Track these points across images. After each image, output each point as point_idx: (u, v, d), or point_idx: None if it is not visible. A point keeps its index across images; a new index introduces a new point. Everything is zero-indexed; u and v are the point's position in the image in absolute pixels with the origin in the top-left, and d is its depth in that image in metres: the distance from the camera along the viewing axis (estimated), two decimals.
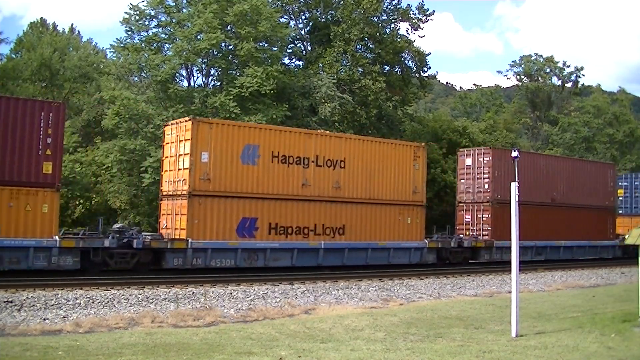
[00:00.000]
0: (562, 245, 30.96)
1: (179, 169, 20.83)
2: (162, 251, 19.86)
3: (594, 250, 33.02)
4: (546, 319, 14.10)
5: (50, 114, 18.34)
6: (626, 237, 14.05)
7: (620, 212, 39.08)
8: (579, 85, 70.80)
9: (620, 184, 39.93)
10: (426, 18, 41.02)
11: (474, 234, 28.59)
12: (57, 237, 18.12)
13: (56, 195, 18.35)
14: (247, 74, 30.46)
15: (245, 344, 10.78)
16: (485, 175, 28.41)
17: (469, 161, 29.17)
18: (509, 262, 12.97)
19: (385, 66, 40.42)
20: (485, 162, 28.46)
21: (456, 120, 53.81)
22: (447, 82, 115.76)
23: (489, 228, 28.07)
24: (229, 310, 15.21)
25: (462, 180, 29.56)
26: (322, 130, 26.92)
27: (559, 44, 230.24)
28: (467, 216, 29.16)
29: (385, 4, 39.85)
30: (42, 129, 18.13)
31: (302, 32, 40.80)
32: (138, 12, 32.56)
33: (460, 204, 29.68)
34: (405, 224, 25.14)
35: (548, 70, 68.30)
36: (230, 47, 32.21)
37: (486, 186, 28.34)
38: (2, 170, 17.57)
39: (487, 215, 28.18)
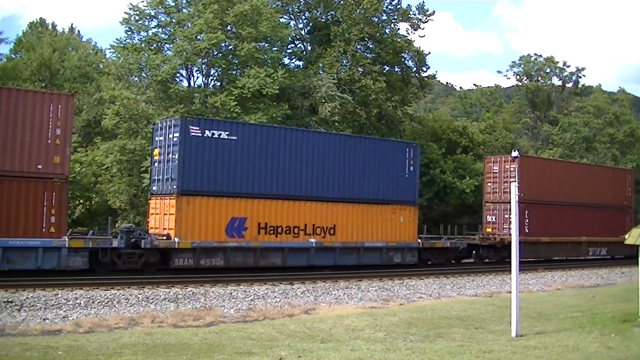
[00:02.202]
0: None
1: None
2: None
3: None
4: (546, 319, 14.10)
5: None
6: (626, 237, 14.03)
7: None
8: (580, 86, 70.78)
9: None
10: (426, 18, 41.03)
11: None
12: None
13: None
14: (249, 75, 30.45)
15: (245, 344, 10.78)
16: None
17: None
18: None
19: (385, 66, 40.42)
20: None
21: (456, 120, 53.80)
22: (447, 82, 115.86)
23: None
24: (229, 310, 15.21)
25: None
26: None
27: (558, 44, 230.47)
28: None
29: (385, 4, 39.85)
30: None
31: (302, 32, 40.81)
32: (138, 12, 32.54)
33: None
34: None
35: (548, 70, 68.27)
36: (230, 48, 32.19)
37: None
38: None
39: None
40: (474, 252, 29.57)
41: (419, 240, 25.82)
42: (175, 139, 20.60)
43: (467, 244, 28.44)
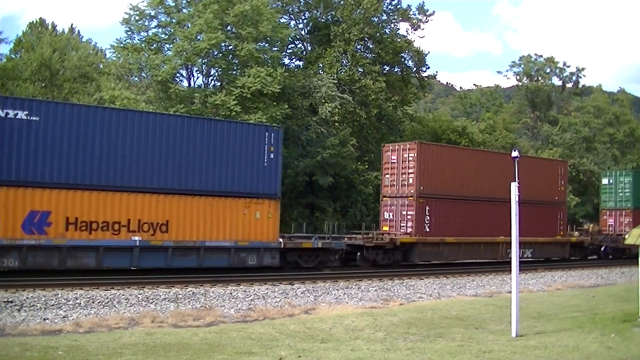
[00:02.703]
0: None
1: None
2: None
3: None
4: (546, 319, 14.09)
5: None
6: (626, 237, 14.03)
7: None
8: (580, 86, 70.81)
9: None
10: (426, 18, 41.11)
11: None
12: (281, 239, 21.92)
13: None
14: (249, 74, 30.46)
15: (245, 344, 10.78)
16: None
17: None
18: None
19: (385, 66, 40.45)
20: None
21: (456, 120, 53.82)
22: (447, 82, 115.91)
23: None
24: (229, 310, 15.21)
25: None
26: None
27: (558, 44, 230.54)
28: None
29: (385, 4, 39.90)
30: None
31: (302, 32, 40.83)
32: (138, 12, 32.56)
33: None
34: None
35: (548, 70, 68.30)
36: (230, 48, 32.20)
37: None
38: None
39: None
40: (358, 254, 25.30)
41: (281, 240, 22.16)
42: None
43: (346, 245, 24.55)
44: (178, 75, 32.65)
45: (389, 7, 40.38)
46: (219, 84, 33.58)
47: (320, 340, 11.27)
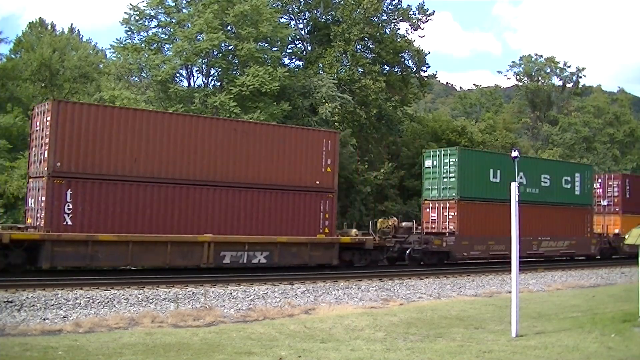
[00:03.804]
0: None
1: None
2: None
3: None
4: (546, 319, 14.10)
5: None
6: (626, 237, 14.03)
7: None
8: (580, 86, 70.87)
9: None
10: (426, 18, 41.07)
11: None
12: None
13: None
14: (249, 73, 30.47)
15: (245, 344, 10.78)
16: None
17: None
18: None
19: (385, 66, 40.45)
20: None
21: (456, 120, 53.83)
22: (447, 82, 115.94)
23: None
24: (229, 310, 15.21)
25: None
26: None
27: (558, 44, 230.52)
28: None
29: (385, 4, 39.90)
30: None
31: (303, 32, 40.83)
32: (138, 13, 32.55)
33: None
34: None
35: (548, 70, 68.36)
36: (230, 48, 32.21)
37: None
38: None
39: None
40: None
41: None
42: None
43: None
44: (178, 75, 32.66)
45: (389, 7, 40.39)
46: (218, 84, 33.58)
47: (320, 340, 11.27)
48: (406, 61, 41.65)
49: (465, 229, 27.10)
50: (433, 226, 27.79)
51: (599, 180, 36.69)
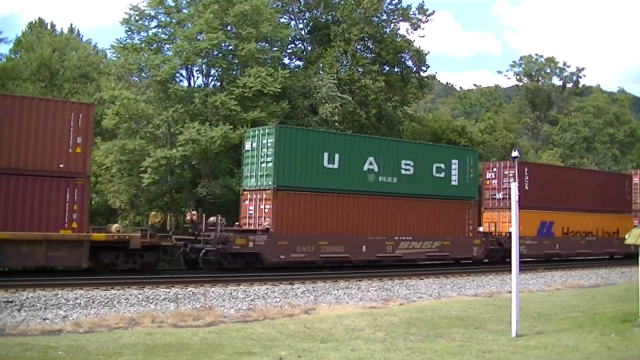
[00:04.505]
0: None
1: None
2: None
3: None
4: (546, 319, 14.09)
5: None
6: (626, 237, 14.03)
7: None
8: (580, 86, 70.89)
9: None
10: (426, 18, 41.06)
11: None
12: None
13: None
14: (250, 74, 30.47)
15: (245, 344, 10.78)
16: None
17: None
18: None
19: (385, 66, 40.44)
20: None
21: (455, 120, 53.83)
22: (447, 82, 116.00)
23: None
24: (229, 310, 15.21)
25: None
26: None
27: (558, 44, 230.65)
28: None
29: (385, 4, 39.89)
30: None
31: (303, 32, 40.83)
32: (138, 13, 32.53)
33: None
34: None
35: (548, 70, 68.37)
36: (230, 48, 32.20)
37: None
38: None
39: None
40: None
41: None
42: None
43: None
44: (178, 75, 32.63)
45: (389, 6, 40.39)
46: (219, 84, 33.57)
47: (320, 340, 11.27)
48: (406, 61, 41.65)
49: (283, 225, 21.98)
50: (251, 222, 23.02)
51: (494, 170, 30.94)
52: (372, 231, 24.07)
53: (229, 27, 32.29)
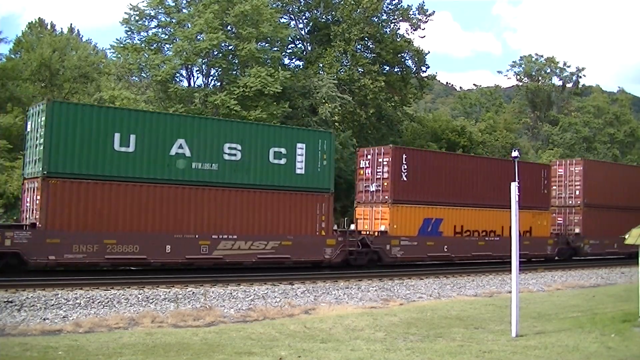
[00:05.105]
0: None
1: None
2: None
3: None
4: (546, 319, 14.09)
5: None
6: (626, 236, 14.02)
7: None
8: (580, 86, 70.92)
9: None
10: (426, 18, 41.12)
11: None
12: None
13: None
14: (250, 74, 30.49)
15: (245, 344, 10.78)
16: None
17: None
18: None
19: (385, 66, 40.47)
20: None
21: (455, 120, 53.87)
22: (447, 82, 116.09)
23: None
24: (229, 310, 15.20)
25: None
26: None
27: (557, 44, 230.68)
28: None
29: (385, 3, 39.92)
30: None
31: (303, 32, 40.85)
32: (138, 13, 32.58)
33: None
34: None
35: (548, 70, 68.41)
36: (230, 48, 32.22)
37: None
38: None
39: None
40: None
41: None
42: None
43: None
44: (178, 75, 32.68)
45: (389, 6, 40.44)
46: (219, 84, 33.60)
47: (320, 340, 11.27)
48: (406, 61, 41.70)
49: (56, 220, 18.16)
50: (28, 216, 19.24)
51: (368, 157, 26.14)
52: (180, 228, 19.91)
53: (229, 27, 32.32)
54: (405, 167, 25.31)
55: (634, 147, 69.59)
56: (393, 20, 40.78)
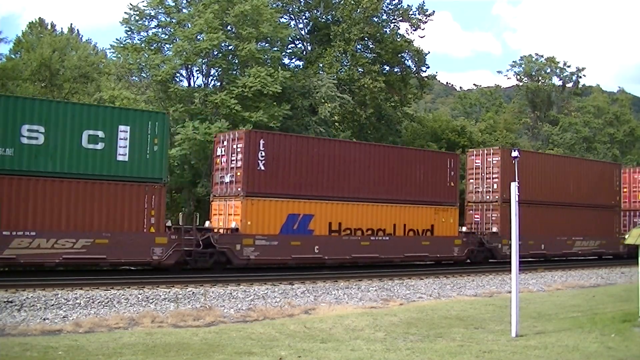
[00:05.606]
0: None
1: None
2: None
3: None
4: (546, 319, 14.09)
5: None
6: (626, 236, 14.02)
7: None
8: (580, 86, 70.91)
9: None
10: (426, 18, 41.08)
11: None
12: None
13: None
14: (250, 74, 30.48)
15: (245, 344, 10.78)
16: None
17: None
18: None
19: (385, 66, 40.46)
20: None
21: (455, 120, 53.87)
22: (447, 82, 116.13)
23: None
24: (229, 310, 15.20)
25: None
26: None
27: (557, 44, 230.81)
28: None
29: (385, 3, 39.91)
30: None
31: (303, 32, 40.85)
32: (138, 12, 32.58)
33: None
34: None
35: (548, 70, 68.38)
36: (230, 48, 32.22)
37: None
38: None
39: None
40: None
41: None
42: None
43: None
44: (178, 75, 32.68)
45: (389, 6, 40.42)
46: (219, 84, 33.60)
47: (320, 340, 11.27)
48: (406, 61, 41.68)
49: None
50: None
51: (224, 144, 22.70)
52: None
53: (229, 27, 32.31)
54: (263, 154, 21.85)
55: (634, 147, 69.56)
56: (393, 20, 40.77)
